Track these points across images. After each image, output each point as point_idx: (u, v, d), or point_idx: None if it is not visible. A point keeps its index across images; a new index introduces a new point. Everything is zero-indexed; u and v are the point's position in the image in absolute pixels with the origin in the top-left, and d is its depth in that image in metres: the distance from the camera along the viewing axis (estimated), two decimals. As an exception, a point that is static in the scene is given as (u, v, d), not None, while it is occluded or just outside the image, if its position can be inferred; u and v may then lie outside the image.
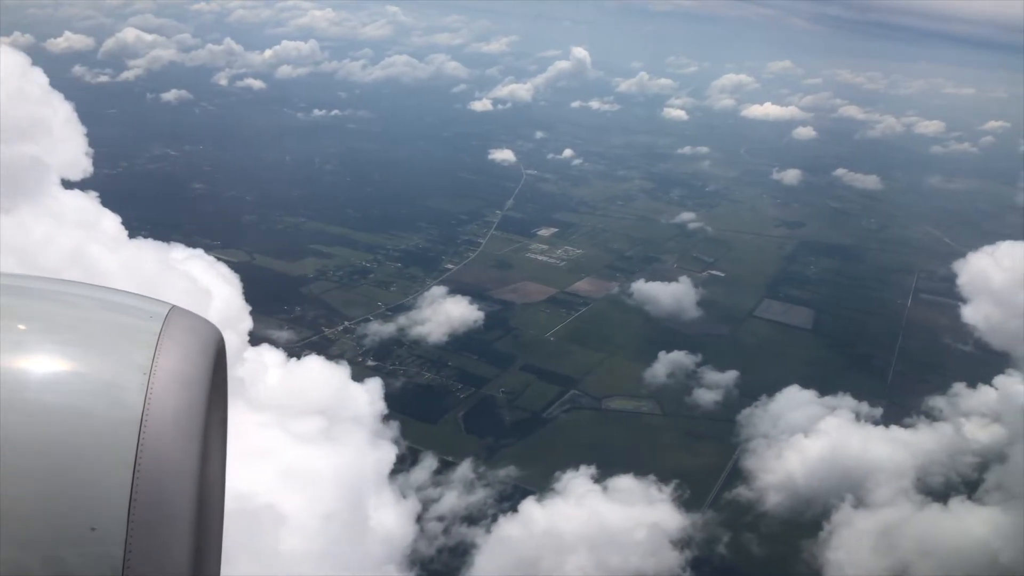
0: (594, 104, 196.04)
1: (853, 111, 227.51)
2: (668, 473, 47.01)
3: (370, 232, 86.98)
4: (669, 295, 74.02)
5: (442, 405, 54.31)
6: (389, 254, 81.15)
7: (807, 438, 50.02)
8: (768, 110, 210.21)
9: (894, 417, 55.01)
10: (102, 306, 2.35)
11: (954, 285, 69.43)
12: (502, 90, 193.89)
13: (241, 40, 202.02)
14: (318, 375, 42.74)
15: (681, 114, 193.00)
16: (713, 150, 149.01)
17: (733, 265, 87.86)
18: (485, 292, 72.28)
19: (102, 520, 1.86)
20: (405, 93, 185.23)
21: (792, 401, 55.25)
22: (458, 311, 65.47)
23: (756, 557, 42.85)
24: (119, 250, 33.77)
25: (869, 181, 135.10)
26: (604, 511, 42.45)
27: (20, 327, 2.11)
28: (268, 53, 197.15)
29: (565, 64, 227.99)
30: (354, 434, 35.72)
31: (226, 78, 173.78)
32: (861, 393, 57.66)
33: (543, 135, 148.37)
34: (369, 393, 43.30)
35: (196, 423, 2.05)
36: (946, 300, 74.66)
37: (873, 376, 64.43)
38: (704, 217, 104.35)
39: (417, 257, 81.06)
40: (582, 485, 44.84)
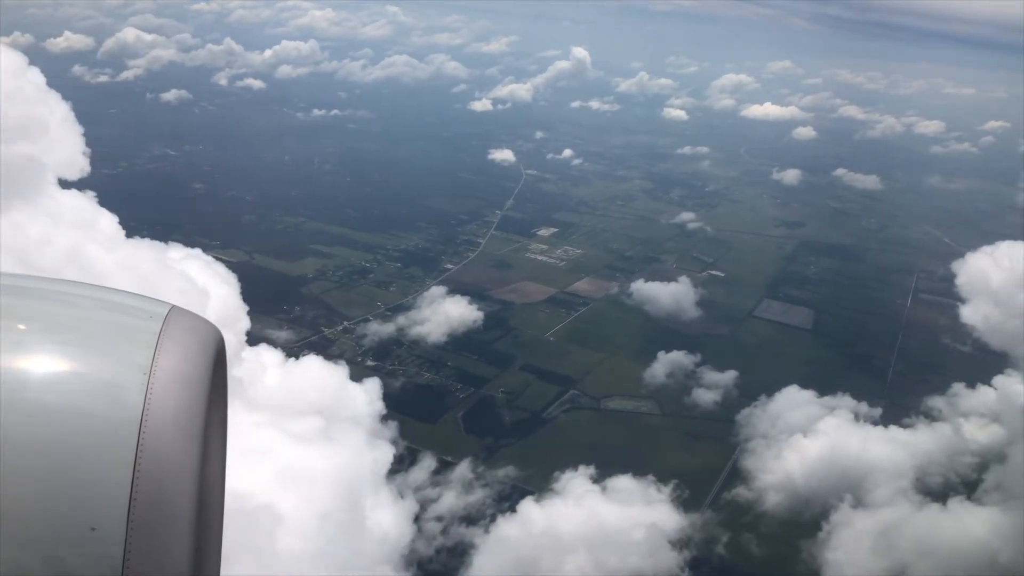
0: (594, 104, 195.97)
1: (853, 111, 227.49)
2: (667, 473, 47.00)
3: (370, 232, 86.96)
4: (669, 295, 73.98)
5: (441, 405, 54.31)
6: (389, 254, 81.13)
7: (806, 438, 50.00)
8: (768, 110, 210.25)
9: (893, 417, 55.02)
10: (102, 306, 2.35)
11: (954, 285, 69.44)
12: (502, 90, 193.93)
13: (241, 40, 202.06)
14: (316, 375, 42.66)
15: (681, 114, 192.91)
16: (713, 150, 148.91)
17: (733, 265, 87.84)
18: (485, 292, 72.27)
19: (102, 520, 1.87)
20: (405, 93, 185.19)
21: (791, 401, 55.25)
22: (458, 311, 65.45)
23: (755, 557, 42.85)
24: (116, 250, 33.71)
25: (869, 181, 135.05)
26: (603, 511, 42.43)
27: (20, 327, 2.11)
28: (268, 53, 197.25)
29: (565, 64, 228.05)
30: (352, 434, 35.66)
31: (226, 78, 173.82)
32: (860, 393, 57.65)
33: (543, 135, 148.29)
34: (367, 393, 43.26)
35: (196, 423, 2.05)
36: (946, 300, 74.62)
37: (872, 376, 64.42)
38: (704, 217, 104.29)
39: (417, 257, 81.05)
40: (581, 485, 44.82)
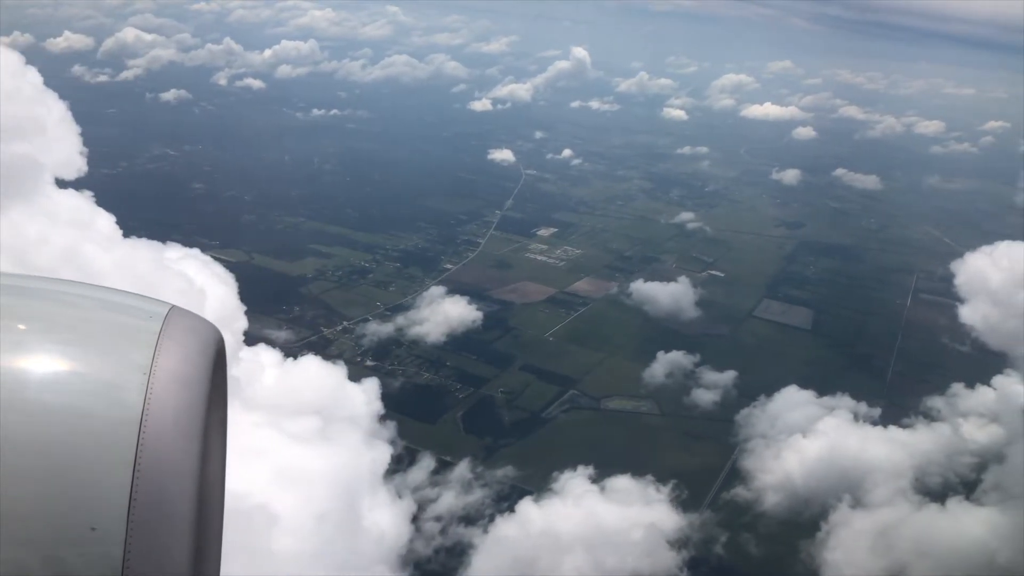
0: (594, 104, 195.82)
1: (853, 111, 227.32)
2: (666, 473, 47.00)
3: (369, 232, 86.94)
4: (668, 295, 73.97)
5: (441, 405, 54.29)
6: (388, 254, 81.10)
7: (805, 438, 50.00)
8: (768, 110, 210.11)
9: (892, 417, 55.02)
10: (102, 306, 2.35)
11: (953, 285, 69.41)
12: (502, 90, 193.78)
13: (241, 40, 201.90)
14: (314, 375, 42.63)
15: (681, 114, 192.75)
16: (713, 150, 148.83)
17: (732, 265, 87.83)
18: (484, 292, 72.25)
19: (102, 520, 1.87)
20: (405, 93, 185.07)
21: (790, 401, 55.26)
22: (457, 311, 65.43)
23: (754, 557, 42.85)
24: (113, 249, 33.66)
25: (869, 181, 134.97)
26: (602, 511, 42.43)
27: (20, 327, 2.12)
28: (268, 53, 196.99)
29: (565, 64, 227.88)
30: (349, 434, 35.63)
31: (226, 78, 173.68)
32: (860, 393, 57.65)
33: (543, 135, 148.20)
34: (366, 393, 43.22)
35: (196, 423, 2.06)
36: (945, 300, 74.55)
37: (872, 376, 64.43)
38: (703, 217, 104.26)
39: (416, 257, 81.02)
40: (580, 485, 44.81)
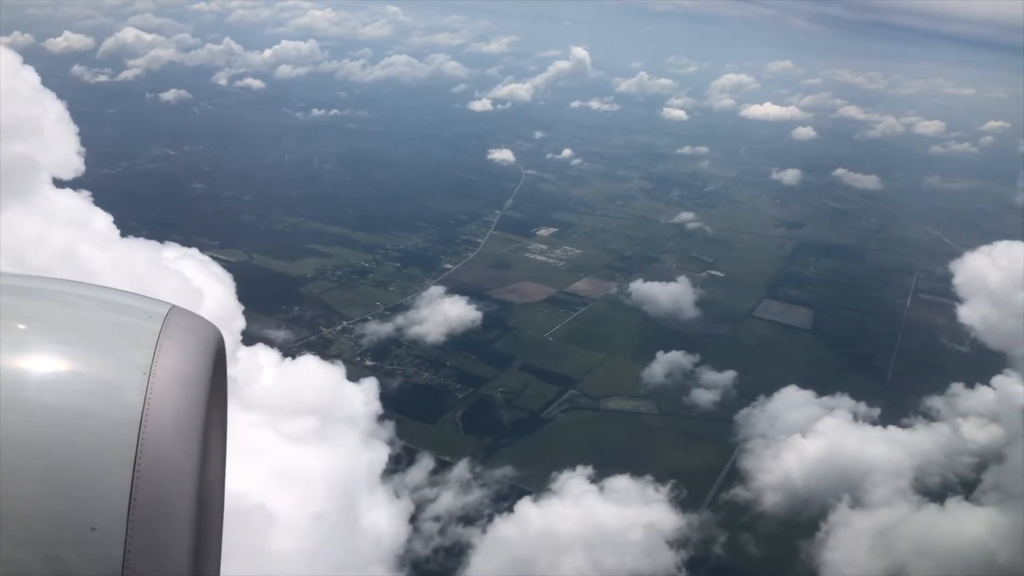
0: (594, 104, 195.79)
1: (853, 111, 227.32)
2: (665, 473, 47.00)
3: (369, 232, 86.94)
4: (668, 295, 73.95)
5: (440, 405, 54.27)
6: (388, 254, 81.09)
7: (805, 438, 49.98)
8: (768, 110, 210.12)
9: (892, 417, 55.02)
10: (102, 306, 2.35)
11: (953, 285, 69.45)
12: (502, 90, 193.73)
13: (241, 40, 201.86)
14: (312, 375, 42.59)
15: (681, 114, 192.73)
16: (713, 150, 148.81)
17: (732, 265, 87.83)
18: (484, 292, 72.24)
19: (102, 520, 1.87)
20: (405, 93, 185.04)
21: (790, 401, 55.23)
22: (457, 311, 65.42)
23: (753, 557, 42.86)
24: (110, 249, 33.61)
25: (869, 181, 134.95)
26: (601, 511, 42.42)
27: (20, 327, 2.12)
28: (268, 53, 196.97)
29: (565, 64, 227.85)
30: (347, 434, 35.56)
31: (225, 78, 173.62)
32: (860, 393, 57.65)
33: (543, 135, 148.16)
34: (364, 393, 43.17)
35: (196, 423, 2.06)
36: (945, 300, 74.44)
37: (872, 376, 64.44)
38: (703, 217, 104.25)
39: (416, 257, 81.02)
40: (579, 485, 44.80)
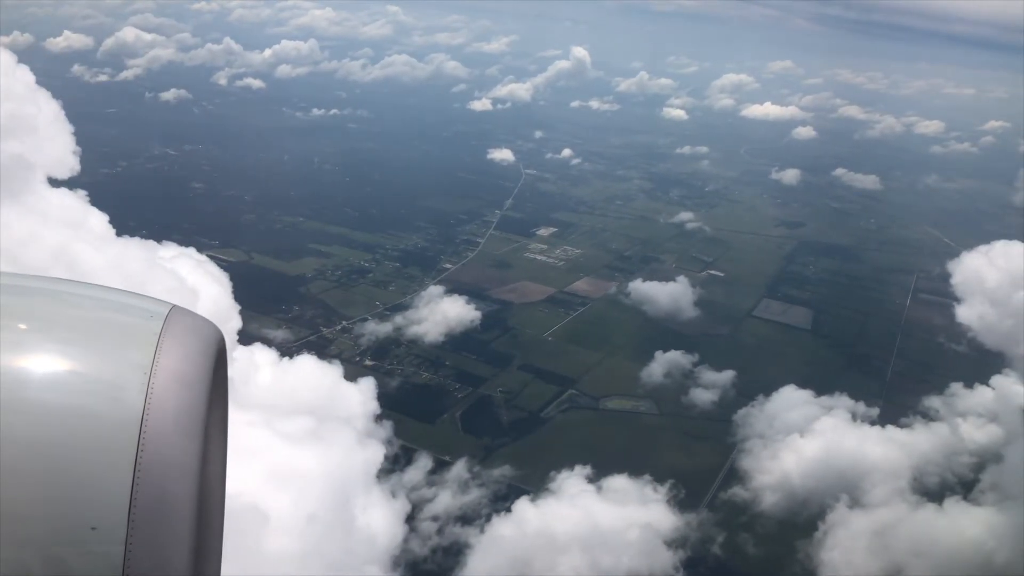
0: (594, 104, 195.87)
1: (853, 111, 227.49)
2: (664, 473, 47.00)
3: (369, 232, 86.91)
4: (667, 295, 73.91)
5: (439, 405, 54.23)
6: (388, 254, 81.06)
7: (803, 438, 49.99)
8: (768, 110, 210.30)
9: (891, 417, 55.01)
10: (102, 306, 2.35)
11: (953, 285, 69.41)
12: (502, 90, 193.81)
13: (241, 40, 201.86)
14: (310, 375, 42.52)
15: (681, 114, 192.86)
16: (713, 150, 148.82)
17: (732, 265, 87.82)
18: (483, 292, 72.22)
19: (103, 520, 1.88)
20: (405, 93, 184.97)
21: (789, 401, 55.20)
22: (456, 311, 65.39)
23: (751, 557, 42.85)
24: (105, 248, 33.55)
25: (869, 181, 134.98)
26: (599, 511, 42.39)
27: (20, 327, 2.12)
28: (268, 53, 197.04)
29: (565, 64, 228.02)
30: (343, 434, 35.49)
31: (225, 78, 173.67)
32: (859, 393, 57.66)
33: (542, 135, 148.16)
34: (362, 393, 43.12)
35: (197, 423, 2.06)
36: (945, 300, 74.26)
37: (871, 376, 64.44)
38: (703, 217, 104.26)
39: (416, 257, 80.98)
40: (578, 485, 44.79)
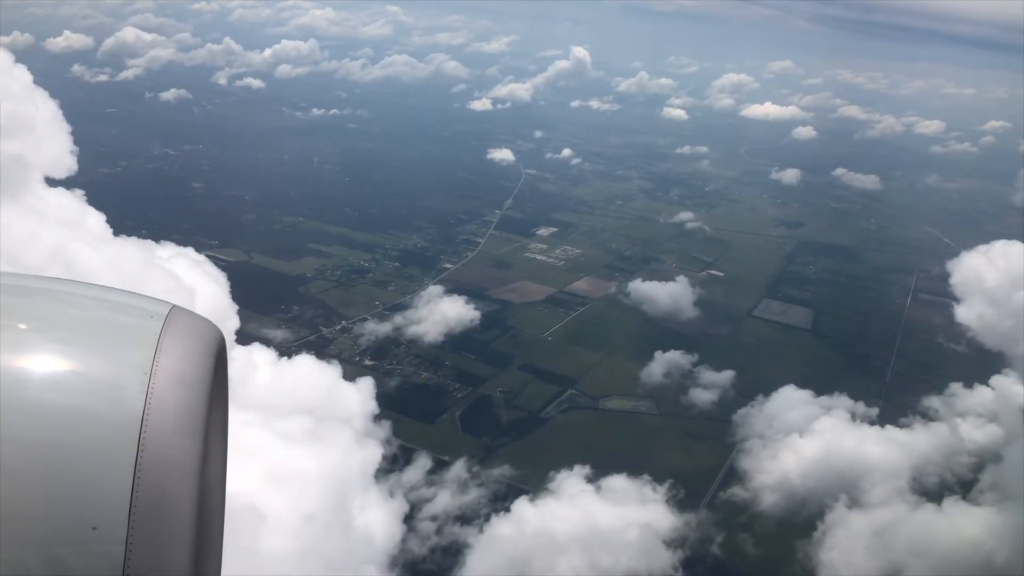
0: (594, 104, 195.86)
1: (853, 111, 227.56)
2: (664, 473, 47.00)
3: (368, 231, 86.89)
4: (667, 295, 73.91)
5: (439, 405, 54.21)
6: (387, 253, 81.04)
7: (803, 438, 49.98)
8: (768, 110, 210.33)
9: (890, 417, 54.99)
10: (103, 306, 2.36)
11: (952, 285, 69.36)
12: (502, 90, 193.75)
13: (241, 40, 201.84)
14: (309, 374, 42.48)
15: (681, 114, 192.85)
16: (712, 150, 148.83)
17: (732, 265, 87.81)
18: (483, 292, 72.19)
19: (103, 519, 1.88)
20: (405, 93, 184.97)
21: (788, 401, 55.19)
22: (456, 311, 65.37)
23: (751, 557, 42.83)
24: (102, 248, 33.52)
25: (869, 181, 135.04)
26: (599, 511, 42.37)
27: (20, 327, 2.12)
28: (268, 53, 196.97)
29: (565, 64, 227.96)
30: (341, 433, 35.45)
31: (225, 78, 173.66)
32: (859, 393, 57.65)
33: (542, 135, 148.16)
34: (361, 392, 43.08)
35: (197, 423, 2.06)
36: (945, 300, 74.20)
37: (871, 376, 64.43)
38: (703, 217, 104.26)
39: (415, 256, 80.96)
40: (577, 485, 44.78)
